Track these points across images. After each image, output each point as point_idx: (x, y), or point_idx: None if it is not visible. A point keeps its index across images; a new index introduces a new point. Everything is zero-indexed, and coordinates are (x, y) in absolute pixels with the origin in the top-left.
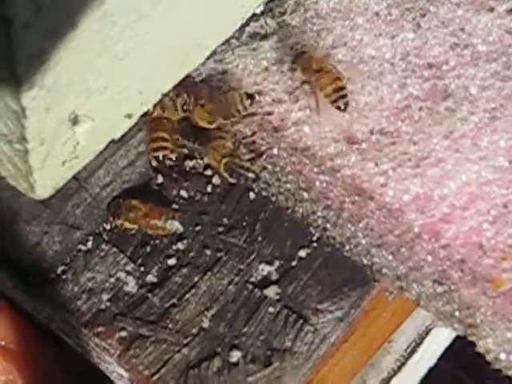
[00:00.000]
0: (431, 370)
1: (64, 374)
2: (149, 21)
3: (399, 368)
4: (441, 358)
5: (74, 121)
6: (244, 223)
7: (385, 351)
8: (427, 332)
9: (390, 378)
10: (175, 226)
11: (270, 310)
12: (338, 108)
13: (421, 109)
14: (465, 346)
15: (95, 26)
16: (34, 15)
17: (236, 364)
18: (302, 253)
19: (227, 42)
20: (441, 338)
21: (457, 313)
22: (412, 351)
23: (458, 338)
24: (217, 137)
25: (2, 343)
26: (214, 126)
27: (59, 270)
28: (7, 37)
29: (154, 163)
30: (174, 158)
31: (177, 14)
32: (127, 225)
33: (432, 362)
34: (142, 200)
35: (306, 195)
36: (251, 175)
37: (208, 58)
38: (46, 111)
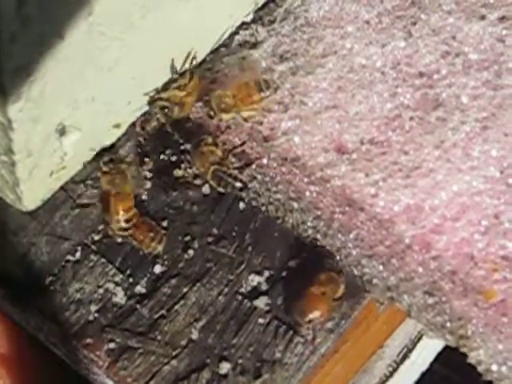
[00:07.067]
0: (423, 373)
1: (54, 378)
2: (137, 31)
3: (391, 373)
4: (433, 361)
5: (62, 132)
6: (234, 233)
7: (377, 357)
8: (419, 337)
9: None
10: (158, 249)
11: (260, 321)
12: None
13: (412, 118)
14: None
15: (82, 36)
16: (20, 27)
17: (225, 376)
18: (292, 263)
19: (216, 50)
20: (433, 343)
21: (448, 324)
22: (404, 356)
23: None
24: (206, 143)
25: None
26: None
27: (47, 280)
28: None
29: None
30: None
31: (166, 24)
32: None
33: (424, 366)
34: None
35: (295, 205)
36: (238, 184)
37: (197, 67)
38: (32, 123)
